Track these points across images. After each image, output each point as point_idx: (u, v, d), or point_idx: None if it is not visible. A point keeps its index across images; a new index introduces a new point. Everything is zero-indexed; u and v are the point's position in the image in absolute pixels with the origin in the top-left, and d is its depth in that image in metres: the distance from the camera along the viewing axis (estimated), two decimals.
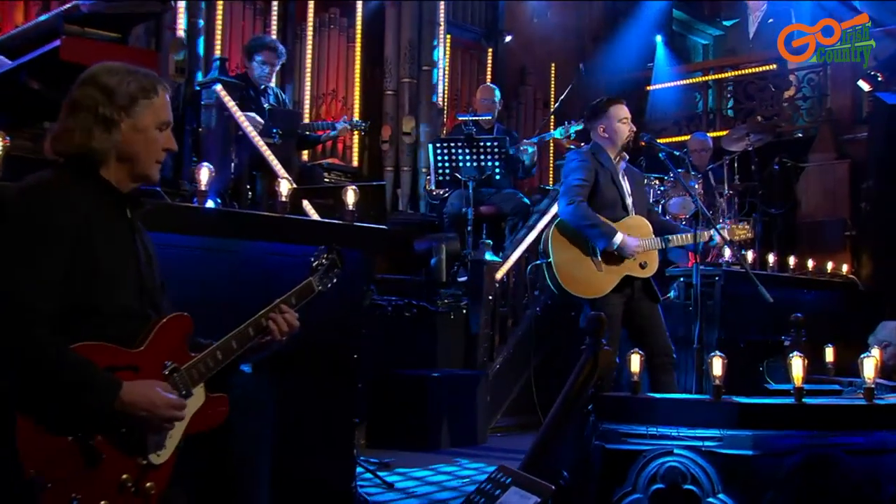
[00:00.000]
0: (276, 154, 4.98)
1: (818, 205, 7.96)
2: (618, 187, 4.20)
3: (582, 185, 4.13)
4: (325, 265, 2.48)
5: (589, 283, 4.05)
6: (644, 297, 4.17)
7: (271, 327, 2.29)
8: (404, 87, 7.27)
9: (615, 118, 4.26)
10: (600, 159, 4.23)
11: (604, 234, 4.00)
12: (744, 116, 9.03)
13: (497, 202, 6.46)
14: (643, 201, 4.34)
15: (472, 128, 5.80)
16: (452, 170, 5.79)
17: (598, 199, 4.15)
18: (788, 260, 6.55)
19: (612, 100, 4.33)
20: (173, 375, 2.13)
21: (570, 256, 4.08)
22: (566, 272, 4.06)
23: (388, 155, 7.22)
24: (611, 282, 4.04)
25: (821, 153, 8.12)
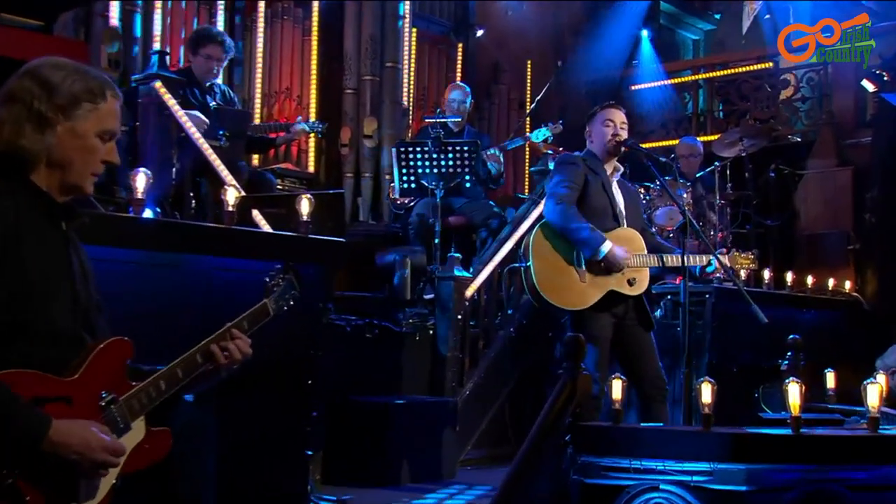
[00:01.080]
0: (222, 158, 4.97)
1: (818, 216, 8.09)
2: (609, 197, 4.26)
3: (570, 186, 4.18)
4: (281, 286, 2.48)
5: (569, 293, 4.08)
6: (636, 322, 4.21)
7: (221, 355, 2.29)
8: (365, 86, 7.30)
9: (600, 120, 4.33)
10: (591, 165, 4.29)
11: (590, 240, 4.04)
12: (737, 119, 9.17)
13: (467, 212, 6.49)
14: (637, 218, 4.39)
15: (439, 130, 5.84)
16: (418, 177, 5.82)
17: (586, 206, 4.20)
18: (786, 276, 6.65)
19: (602, 105, 4.41)
20: (110, 408, 2.11)
21: (552, 262, 4.11)
22: (545, 279, 4.09)
23: (348, 160, 7.24)
24: (593, 295, 4.08)
25: (821, 159, 8.25)
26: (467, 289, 5.68)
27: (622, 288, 4.12)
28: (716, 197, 6.63)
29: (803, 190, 8.19)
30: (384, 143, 7.22)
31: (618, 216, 4.24)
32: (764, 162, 7.57)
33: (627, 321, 4.18)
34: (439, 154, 5.76)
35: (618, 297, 4.13)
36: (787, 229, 7.99)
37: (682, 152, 7.16)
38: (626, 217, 4.29)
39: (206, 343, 2.29)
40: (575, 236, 4.06)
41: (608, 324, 4.11)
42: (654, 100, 9.58)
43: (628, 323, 4.18)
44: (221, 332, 2.32)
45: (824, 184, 8.13)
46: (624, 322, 4.17)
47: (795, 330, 4.99)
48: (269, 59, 7.03)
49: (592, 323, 4.06)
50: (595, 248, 4.04)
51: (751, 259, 4.46)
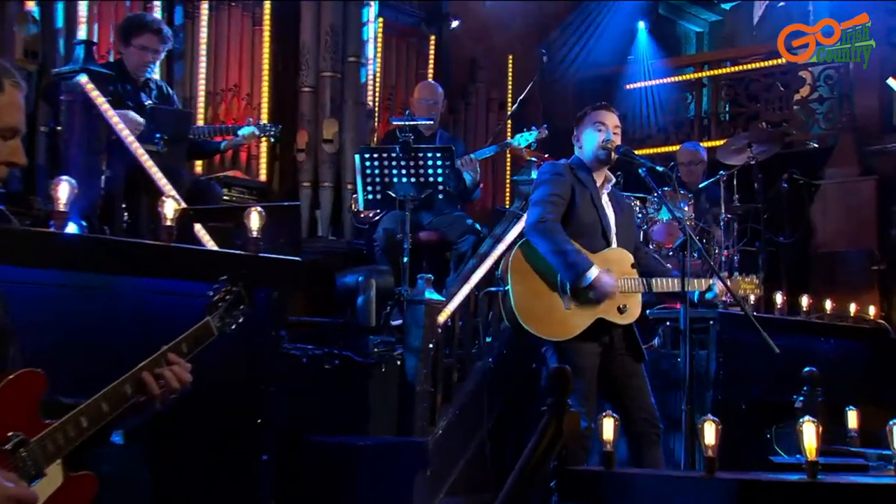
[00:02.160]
0: (159, 165, 4.95)
1: (837, 231, 8.18)
2: (598, 211, 4.28)
3: (555, 200, 4.20)
4: (227, 301, 2.45)
5: (552, 321, 4.10)
6: (625, 352, 4.22)
7: (155, 384, 2.25)
8: (325, 83, 7.31)
9: (589, 123, 4.36)
10: (579, 175, 4.31)
11: (574, 264, 4.06)
12: (745, 122, 9.27)
13: (440, 227, 6.50)
14: (629, 235, 4.42)
15: (409, 135, 5.85)
16: (385, 187, 5.82)
17: (572, 223, 4.22)
18: (801, 300, 6.70)
19: (593, 106, 4.44)
20: (18, 451, 2.04)
21: (533, 287, 4.12)
22: (525, 305, 4.10)
23: (305, 167, 7.23)
24: (579, 324, 4.09)
25: (841, 168, 8.35)
26: (440, 314, 5.68)
27: (611, 316, 4.14)
28: (721, 210, 6.68)
29: (821, 202, 8.28)
30: (346, 148, 7.23)
31: (607, 234, 4.27)
32: (776, 171, 7.63)
33: (616, 351, 4.20)
34: (408, 161, 5.77)
35: (606, 324, 4.15)
36: (802, 247, 8.06)
37: (683, 160, 7.22)
38: (616, 234, 4.32)
39: (136, 371, 2.24)
40: (558, 258, 4.08)
41: (593, 352, 4.14)
42: (652, 100, 9.66)
43: (617, 353, 4.20)
44: (156, 356, 2.28)
45: (845, 195, 8.22)
46: (612, 352, 4.19)
47: (812, 362, 5.02)
48: (215, 51, 7.02)
49: (576, 353, 4.08)
50: (579, 274, 4.06)
51: (755, 284, 4.50)
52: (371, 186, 5.86)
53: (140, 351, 2.32)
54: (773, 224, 7.47)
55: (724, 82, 9.62)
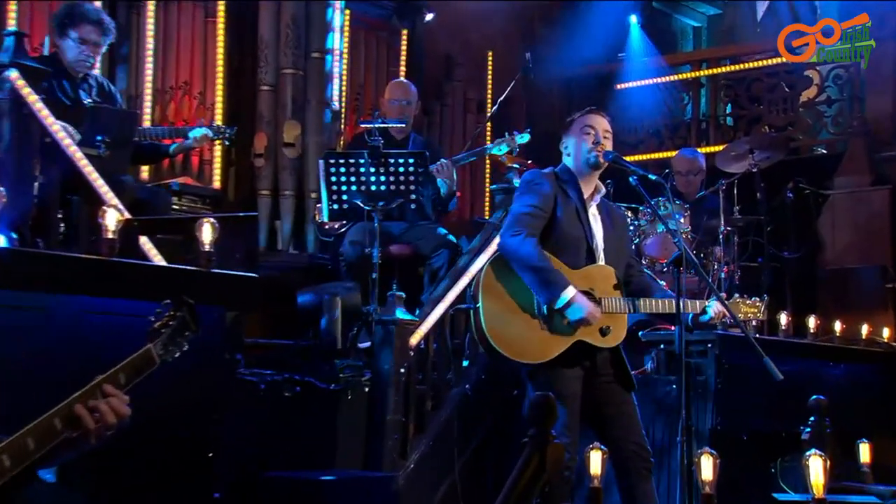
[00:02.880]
0: (100, 171, 4.92)
1: (848, 246, 8.23)
2: (584, 225, 4.29)
3: (534, 213, 4.21)
4: (171, 327, 2.46)
5: (527, 343, 4.11)
6: (612, 378, 4.23)
7: (89, 418, 2.24)
8: (286, 81, 7.30)
9: (578, 127, 4.38)
10: (564, 186, 4.33)
11: (549, 283, 4.07)
12: (747, 126, 9.34)
13: (413, 240, 6.50)
14: (621, 251, 4.43)
15: (379, 139, 5.85)
16: (352, 196, 5.82)
17: (554, 238, 4.23)
18: (807, 321, 6.71)
19: (586, 110, 4.47)
20: None
21: (506, 305, 4.13)
22: (497, 326, 4.11)
23: (263, 174, 7.22)
24: (557, 347, 4.10)
25: (851, 176, 8.39)
26: (412, 335, 5.67)
27: (592, 338, 4.16)
28: (720, 222, 6.71)
29: (829, 214, 8.33)
30: (309, 153, 7.22)
31: (593, 250, 4.29)
32: (780, 179, 7.68)
33: (601, 377, 4.21)
34: (378, 168, 5.77)
35: (588, 348, 4.16)
36: (808, 263, 8.10)
37: (680, 167, 7.25)
38: (604, 250, 4.33)
39: (68, 403, 2.23)
40: (532, 276, 4.10)
41: (576, 377, 4.15)
42: (645, 102, 9.71)
43: (602, 379, 4.21)
44: (90, 388, 2.27)
45: (855, 206, 8.28)
46: (596, 377, 4.20)
47: (820, 389, 5.03)
48: (163, 45, 7.00)
49: (556, 378, 4.09)
50: (553, 295, 4.08)
51: (757, 308, 4.51)
52: (337, 195, 5.85)
53: (75, 379, 2.30)
54: (777, 238, 7.52)
55: (723, 82, 9.68)
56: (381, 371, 5.48)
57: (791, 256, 7.62)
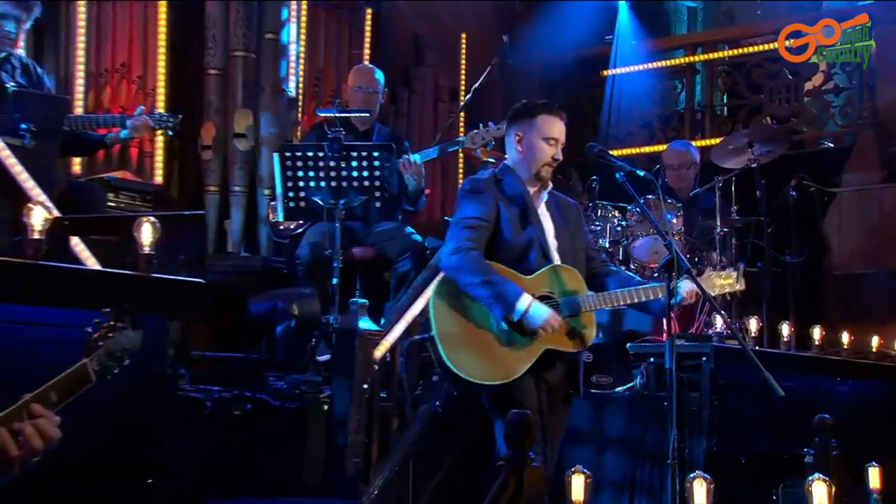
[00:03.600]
0: (25, 163, 4.90)
1: (857, 249, 8.30)
2: (534, 227, 4.34)
3: (473, 224, 4.28)
4: (109, 339, 2.45)
5: (490, 363, 4.16)
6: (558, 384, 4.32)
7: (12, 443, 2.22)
8: (236, 65, 7.30)
9: (539, 132, 4.41)
10: (504, 187, 4.38)
11: (501, 296, 4.13)
12: (746, 117, 9.40)
13: (378, 242, 6.52)
14: (577, 246, 4.48)
15: (340, 130, 5.85)
16: (310, 192, 5.82)
17: (501, 247, 4.30)
18: (812, 332, 6.77)
19: (546, 106, 4.47)
20: None
21: (461, 328, 4.21)
22: (457, 352, 4.17)
23: (212, 168, 7.20)
24: (523, 361, 4.16)
25: (861, 172, 8.45)
26: (377, 347, 5.68)
27: (561, 344, 4.23)
28: (716, 223, 6.74)
29: (836, 214, 8.38)
30: (263, 145, 7.22)
31: (547, 250, 4.34)
32: (782, 176, 7.68)
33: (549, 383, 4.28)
34: (339, 162, 5.77)
35: (554, 355, 4.23)
36: (813, 268, 8.14)
37: (671, 160, 7.30)
38: (558, 249, 4.39)
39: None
40: (481, 291, 4.17)
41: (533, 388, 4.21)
42: (634, 90, 9.75)
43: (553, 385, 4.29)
44: (14, 408, 2.25)
45: (865, 206, 8.37)
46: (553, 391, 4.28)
47: (825, 407, 5.07)
48: (97, 23, 6.96)
49: (517, 390, 4.15)
50: (507, 309, 4.14)
51: (733, 278, 4.47)
52: (293, 192, 5.85)
53: None
54: (778, 240, 7.52)
55: (720, 68, 9.75)
56: (341, 387, 5.49)
57: (794, 261, 7.63)
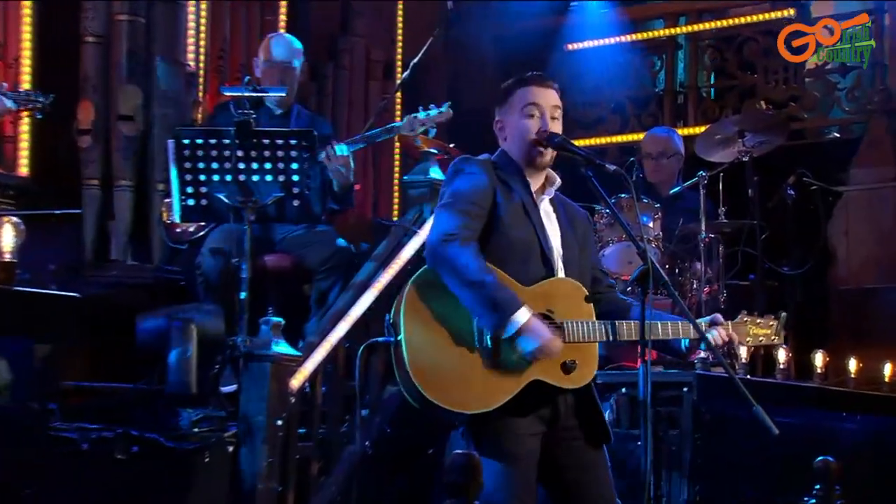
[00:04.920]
0: None
1: (867, 259, 8.38)
2: (535, 227, 4.30)
3: (469, 209, 4.19)
4: None
5: (465, 386, 4.06)
6: (579, 433, 4.25)
7: None
8: (121, 32, 7.25)
9: (517, 105, 4.40)
10: (505, 177, 4.34)
11: (495, 304, 4.04)
12: (737, 100, 9.48)
13: (296, 249, 6.54)
14: (585, 259, 4.42)
15: (250, 112, 5.84)
16: (213, 188, 5.81)
17: (495, 244, 4.21)
18: (813, 358, 6.82)
19: (522, 79, 4.46)
20: None
21: (437, 336, 4.08)
22: (426, 364, 4.07)
23: (91, 157, 7.15)
24: (504, 389, 4.08)
25: (872, 167, 8.53)
26: (294, 375, 5.68)
27: (552, 377, 4.16)
28: (701, 227, 6.78)
29: (843, 217, 8.46)
30: (155, 129, 7.19)
31: (549, 258, 4.29)
32: (779, 171, 7.80)
33: (564, 431, 4.22)
34: (249, 151, 5.76)
35: (547, 389, 4.18)
36: (816, 282, 8.22)
37: (650, 149, 7.39)
38: (563, 258, 4.35)
39: None
40: (471, 294, 4.07)
41: (532, 433, 4.15)
42: (604, 68, 9.81)
43: (565, 434, 4.22)
44: None
45: (877, 207, 8.45)
46: (559, 433, 4.21)
47: (828, 448, 5.09)
48: None
49: (505, 432, 4.09)
50: (503, 318, 4.07)
51: (771, 329, 4.49)
52: (192, 187, 5.83)
53: None
54: (774, 248, 7.60)
55: (706, 42, 9.82)
56: (250, 424, 5.48)
57: (793, 273, 7.70)
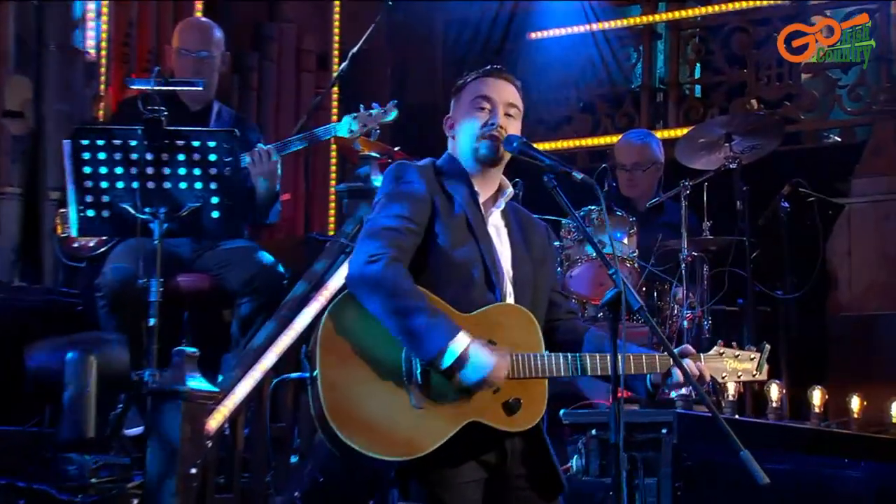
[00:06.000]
0: None
1: (872, 282, 8.43)
2: (479, 245, 4.31)
3: (400, 227, 4.19)
4: None
5: (391, 429, 4.06)
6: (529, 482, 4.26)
7: None
8: (6, 16, 7.25)
9: (467, 100, 4.42)
10: (448, 185, 4.35)
11: (428, 330, 4.03)
12: (724, 99, 9.54)
13: (215, 268, 6.55)
14: (540, 282, 4.44)
15: (161, 110, 5.83)
16: (118, 197, 5.79)
17: (434, 267, 4.21)
18: (811, 394, 6.84)
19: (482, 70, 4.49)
20: None
21: (359, 371, 4.09)
22: (343, 403, 4.06)
23: None
24: (437, 432, 4.09)
25: (877, 176, 8.58)
26: (211, 416, 5.67)
27: (493, 419, 4.18)
28: (682, 244, 6.79)
29: (845, 234, 8.51)
30: (47, 128, 7.18)
31: (496, 280, 4.30)
32: (772, 180, 7.82)
33: (511, 479, 4.23)
34: (160, 154, 5.75)
35: (489, 433, 4.19)
36: (813, 308, 8.25)
37: (624, 158, 7.42)
38: (514, 280, 4.37)
39: None
40: (399, 322, 4.08)
41: (473, 481, 4.16)
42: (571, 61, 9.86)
43: (512, 483, 4.23)
44: None
45: (883, 222, 8.49)
46: (505, 481, 4.23)
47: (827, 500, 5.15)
48: None
49: (440, 482, 4.10)
50: (437, 348, 4.08)
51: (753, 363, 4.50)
52: (92, 196, 5.81)
53: None
54: (766, 269, 7.63)
55: (690, 31, 9.88)
56: (158, 472, 5.46)
57: (787, 297, 7.72)
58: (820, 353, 8.21)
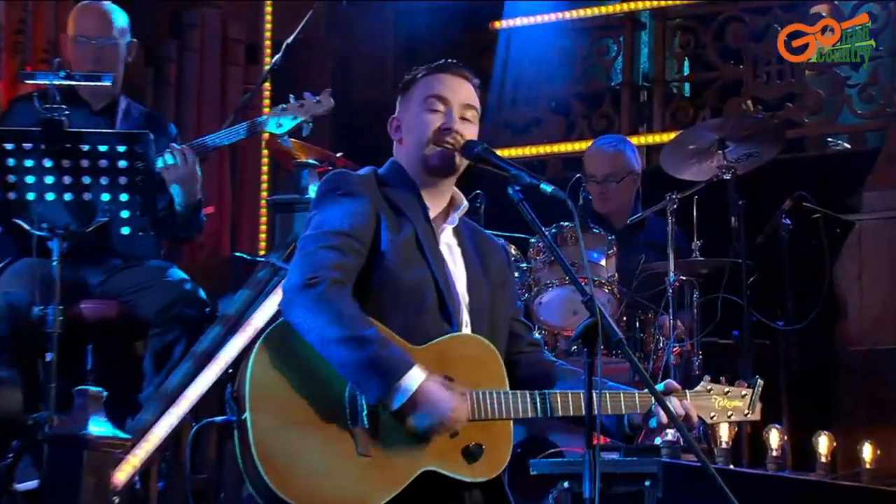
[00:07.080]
0: None
1: (885, 311, 8.41)
2: (432, 267, 4.30)
3: (343, 245, 4.19)
4: None
5: (333, 481, 4.06)
6: None
7: None
8: None
9: (417, 97, 4.42)
10: (395, 198, 4.34)
11: (376, 365, 4.04)
12: (716, 99, 9.58)
13: (125, 293, 6.53)
14: (498, 309, 4.47)
15: (61, 108, 5.82)
16: (10, 208, 5.77)
17: (378, 292, 4.21)
18: (816, 441, 6.87)
19: (430, 67, 4.49)
20: None
21: (294, 412, 4.07)
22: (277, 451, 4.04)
23: None
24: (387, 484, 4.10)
25: (890, 189, 8.58)
26: (119, 466, 5.64)
27: (450, 467, 4.18)
28: (668, 267, 6.83)
29: (855, 255, 8.50)
30: None
31: (450, 307, 4.30)
32: (772, 194, 7.87)
33: None
34: (60, 159, 5.74)
35: (445, 483, 4.19)
36: (818, 340, 8.25)
37: (594, 168, 7.46)
38: (470, 307, 4.37)
39: None
40: (342, 354, 4.07)
41: None
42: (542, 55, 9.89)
43: None
44: None
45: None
46: None
47: None
48: None
49: None
50: (385, 387, 4.07)
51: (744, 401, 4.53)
52: None
53: None
54: (766, 296, 7.68)
55: (677, 21, 9.93)
56: None
57: (789, 329, 7.75)
58: (827, 393, 8.21)
